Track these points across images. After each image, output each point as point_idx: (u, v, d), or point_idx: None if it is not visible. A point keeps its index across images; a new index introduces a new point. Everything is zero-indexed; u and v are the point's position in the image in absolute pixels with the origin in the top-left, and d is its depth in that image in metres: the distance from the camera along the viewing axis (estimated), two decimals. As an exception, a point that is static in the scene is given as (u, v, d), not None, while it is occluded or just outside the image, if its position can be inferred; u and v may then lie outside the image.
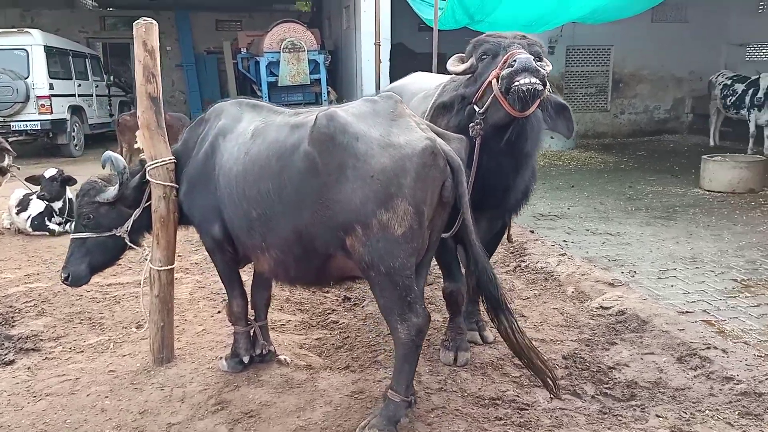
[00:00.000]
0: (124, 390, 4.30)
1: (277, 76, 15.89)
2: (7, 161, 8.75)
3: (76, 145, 16.77)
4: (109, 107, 19.45)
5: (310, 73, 16.04)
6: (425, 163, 3.32)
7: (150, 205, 4.45)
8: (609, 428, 3.78)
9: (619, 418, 3.90)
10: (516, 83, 3.49)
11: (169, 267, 4.57)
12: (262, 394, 4.21)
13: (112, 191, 4.35)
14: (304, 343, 5.06)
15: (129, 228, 4.45)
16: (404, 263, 3.43)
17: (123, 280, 6.53)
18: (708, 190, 10.41)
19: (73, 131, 16.63)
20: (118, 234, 4.44)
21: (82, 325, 5.47)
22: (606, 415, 3.94)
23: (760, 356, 4.50)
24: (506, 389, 4.27)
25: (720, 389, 4.13)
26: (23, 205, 8.41)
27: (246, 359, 4.49)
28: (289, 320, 5.47)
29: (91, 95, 18.14)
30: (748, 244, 7.47)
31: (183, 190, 4.32)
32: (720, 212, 9.11)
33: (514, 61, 3.52)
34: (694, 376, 4.33)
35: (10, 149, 8.86)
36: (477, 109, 3.82)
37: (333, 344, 5.01)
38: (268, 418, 3.92)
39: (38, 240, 8.24)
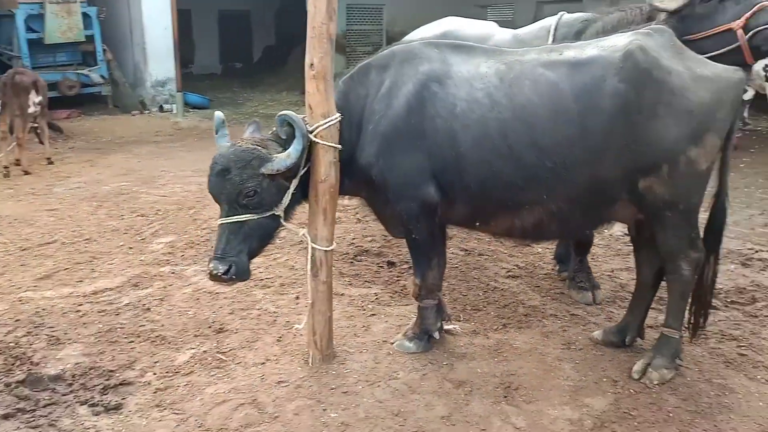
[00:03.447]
0: (335, 398, 3.56)
1: (40, 32, 13.14)
2: None
3: None
4: None
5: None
6: (738, 95, 3.38)
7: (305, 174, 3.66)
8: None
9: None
10: None
11: (333, 246, 3.82)
12: (492, 365, 3.87)
13: (284, 159, 3.45)
14: (427, 312, 4.67)
15: (287, 204, 3.61)
16: (701, 198, 3.47)
17: (104, 285, 5.11)
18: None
19: None
20: (278, 213, 3.57)
21: (137, 344, 4.22)
22: None
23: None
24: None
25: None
26: None
27: (437, 335, 4.03)
28: (376, 294, 4.94)
29: None
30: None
31: (373, 151, 3.63)
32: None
33: None
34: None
35: None
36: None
37: (455, 308, 4.69)
38: (535, 386, 3.65)
39: None
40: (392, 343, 4.08)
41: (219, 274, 3.43)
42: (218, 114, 3.77)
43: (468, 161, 3.48)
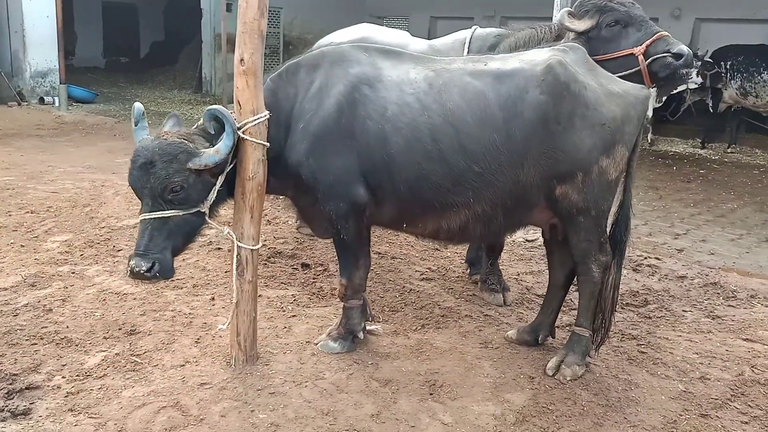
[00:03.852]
0: (262, 399, 3.50)
1: None
2: None
3: None
4: None
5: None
6: (644, 111, 3.66)
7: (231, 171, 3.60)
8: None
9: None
10: (684, 73, 4.25)
11: (260, 245, 3.77)
12: (416, 364, 3.94)
13: (213, 155, 3.37)
14: (346, 313, 4.69)
15: (212, 201, 3.54)
16: (610, 205, 3.73)
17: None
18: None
19: None
20: (203, 210, 3.50)
21: (41, 346, 3.95)
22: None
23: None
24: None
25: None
26: None
27: (361, 335, 4.06)
28: (294, 295, 4.90)
29: None
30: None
31: (303, 150, 3.61)
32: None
33: (680, 53, 4.20)
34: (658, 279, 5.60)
35: None
36: None
37: (373, 309, 4.73)
38: (458, 383, 3.76)
39: None
40: (316, 344, 4.06)
41: (142, 271, 3.29)
42: (137, 105, 3.62)
43: (398, 163, 3.54)
